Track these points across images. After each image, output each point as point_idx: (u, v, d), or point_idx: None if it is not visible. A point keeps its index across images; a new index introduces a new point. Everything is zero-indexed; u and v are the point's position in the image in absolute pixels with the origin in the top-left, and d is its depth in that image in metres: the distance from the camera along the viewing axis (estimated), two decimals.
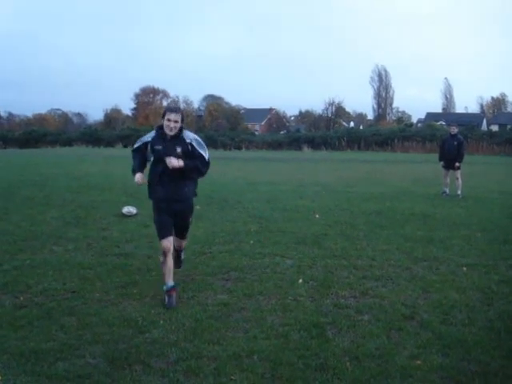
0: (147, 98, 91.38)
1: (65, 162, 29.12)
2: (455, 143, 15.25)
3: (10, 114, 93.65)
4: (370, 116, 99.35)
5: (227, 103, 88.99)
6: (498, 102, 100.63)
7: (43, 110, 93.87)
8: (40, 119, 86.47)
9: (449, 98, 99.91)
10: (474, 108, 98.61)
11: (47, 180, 18.33)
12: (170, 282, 5.62)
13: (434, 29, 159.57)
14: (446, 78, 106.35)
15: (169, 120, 5.58)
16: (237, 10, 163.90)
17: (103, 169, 24.13)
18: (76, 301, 5.65)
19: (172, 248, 5.74)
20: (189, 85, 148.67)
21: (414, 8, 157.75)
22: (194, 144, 5.71)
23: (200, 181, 6.11)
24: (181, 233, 6.09)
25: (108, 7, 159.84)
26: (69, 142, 61.24)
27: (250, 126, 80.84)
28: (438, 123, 65.05)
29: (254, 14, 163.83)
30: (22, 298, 5.70)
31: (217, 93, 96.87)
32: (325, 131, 66.13)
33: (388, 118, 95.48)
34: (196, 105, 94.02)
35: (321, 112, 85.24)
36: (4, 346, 4.45)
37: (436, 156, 16.78)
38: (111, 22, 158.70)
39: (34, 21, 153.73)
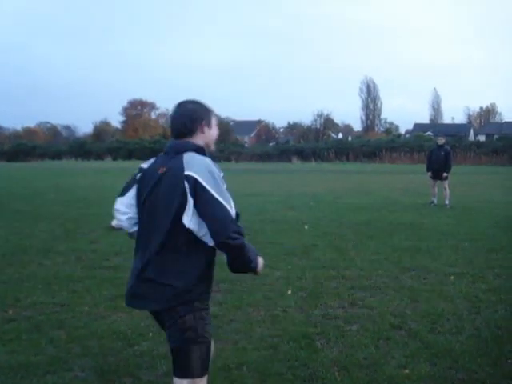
0: (135, 110, 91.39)
1: (53, 175, 29.01)
2: (442, 153, 15.39)
3: None
4: (358, 127, 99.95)
5: (216, 115, 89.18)
6: (487, 113, 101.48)
7: (32, 123, 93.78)
8: (29, 132, 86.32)
9: (436, 109, 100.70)
10: (460, 118, 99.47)
11: (36, 193, 18.26)
12: None
13: (422, 40, 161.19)
14: (434, 89, 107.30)
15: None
16: (226, 22, 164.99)
17: (92, 182, 24.06)
18: (65, 314, 5.63)
19: None
20: (177, 97, 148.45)
21: (403, 20, 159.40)
22: None
23: None
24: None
25: (97, 20, 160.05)
26: (58, 155, 61.11)
27: (239, 138, 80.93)
28: (426, 134, 65.49)
29: (244, 27, 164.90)
30: (10, 312, 5.67)
31: None
32: (314, 143, 66.40)
33: (376, 129, 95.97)
34: None
35: (309, 123, 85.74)
36: None
37: (424, 166, 16.90)
38: (101, 34, 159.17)
39: (24, 34, 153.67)
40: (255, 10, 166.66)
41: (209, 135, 2.99)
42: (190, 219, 2.70)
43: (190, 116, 2.91)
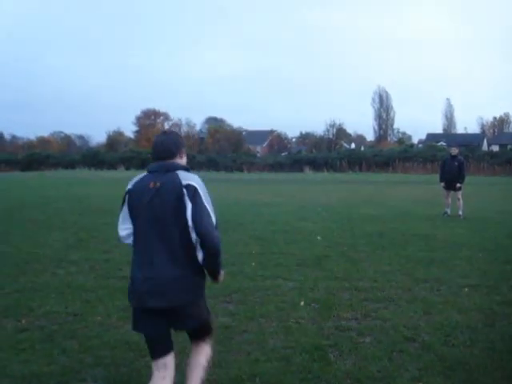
0: (149, 120, 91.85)
1: (67, 185, 29.20)
2: (456, 164, 15.31)
3: (14, 137, 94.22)
4: (370, 137, 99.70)
5: (229, 125, 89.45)
6: (501, 122, 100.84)
7: (46, 133, 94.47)
8: (43, 142, 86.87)
9: (449, 119, 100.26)
10: (473, 128, 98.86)
11: (49, 202, 18.38)
12: None
13: (435, 50, 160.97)
14: (447, 99, 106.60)
15: None
16: (238, 32, 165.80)
17: (105, 191, 24.18)
18: (78, 324, 5.65)
19: None
20: (190, 107, 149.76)
21: (416, 29, 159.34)
22: None
23: None
24: None
25: (110, 30, 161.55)
26: (71, 165, 61.47)
27: (251, 148, 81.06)
28: (439, 144, 65.19)
29: (256, 38, 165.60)
30: (23, 321, 5.70)
31: (218, 115, 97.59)
32: (326, 152, 66.34)
33: (389, 138, 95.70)
34: (198, 127, 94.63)
35: (322, 133, 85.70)
36: (6, 370, 4.45)
37: (437, 177, 16.82)
38: (113, 44, 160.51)
39: (38, 45, 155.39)
40: (267, 21, 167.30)
41: (184, 160, 3.54)
42: (190, 219, 3.22)
43: (175, 143, 3.48)
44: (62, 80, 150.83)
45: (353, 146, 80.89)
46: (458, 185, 15.14)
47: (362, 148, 74.30)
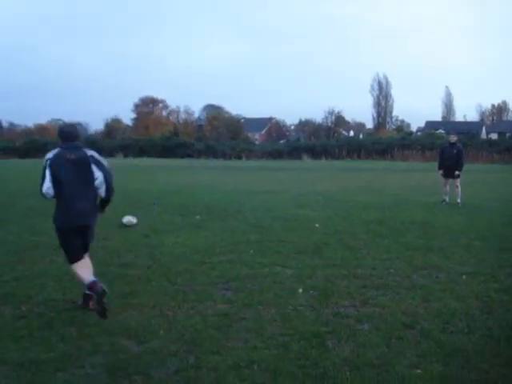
0: (147, 108, 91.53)
1: None
2: (454, 151, 15.27)
3: (12, 124, 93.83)
4: (369, 124, 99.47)
5: (227, 113, 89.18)
6: (499, 110, 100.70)
7: (44, 120, 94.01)
8: (41, 129, 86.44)
9: (448, 106, 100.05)
10: (472, 116, 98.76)
11: None
12: None
13: (434, 38, 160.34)
14: (446, 86, 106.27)
15: None
16: (237, 19, 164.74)
17: None
18: (76, 311, 5.66)
19: None
20: (189, 95, 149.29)
21: (415, 17, 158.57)
22: None
23: (200, 190, 6.11)
24: None
25: (107, 17, 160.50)
26: None
27: (249, 135, 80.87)
28: (438, 131, 65.10)
29: (254, 23, 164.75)
30: (22, 309, 5.70)
31: (217, 102, 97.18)
32: (325, 140, 66.23)
33: (388, 126, 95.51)
34: (196, 114, 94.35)
35: (320, 121, 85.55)
36: (4, 357, 4.46)
37: (435, 164, 16.79)
38: (111, 31, 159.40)
39: (35, 32, 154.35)
40: (267, 9, 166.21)
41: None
42: (97, 176, 5.70)
43: (78, 132, 6.05)
44: (61, 67, 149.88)
45: (351, 133, 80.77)
46: (457, 172, 15.11)
47: (361, 136, 74.18)
